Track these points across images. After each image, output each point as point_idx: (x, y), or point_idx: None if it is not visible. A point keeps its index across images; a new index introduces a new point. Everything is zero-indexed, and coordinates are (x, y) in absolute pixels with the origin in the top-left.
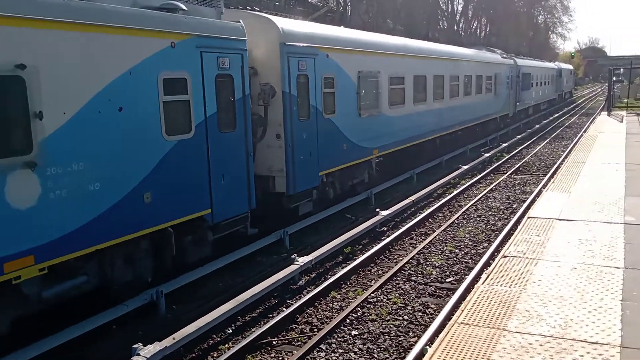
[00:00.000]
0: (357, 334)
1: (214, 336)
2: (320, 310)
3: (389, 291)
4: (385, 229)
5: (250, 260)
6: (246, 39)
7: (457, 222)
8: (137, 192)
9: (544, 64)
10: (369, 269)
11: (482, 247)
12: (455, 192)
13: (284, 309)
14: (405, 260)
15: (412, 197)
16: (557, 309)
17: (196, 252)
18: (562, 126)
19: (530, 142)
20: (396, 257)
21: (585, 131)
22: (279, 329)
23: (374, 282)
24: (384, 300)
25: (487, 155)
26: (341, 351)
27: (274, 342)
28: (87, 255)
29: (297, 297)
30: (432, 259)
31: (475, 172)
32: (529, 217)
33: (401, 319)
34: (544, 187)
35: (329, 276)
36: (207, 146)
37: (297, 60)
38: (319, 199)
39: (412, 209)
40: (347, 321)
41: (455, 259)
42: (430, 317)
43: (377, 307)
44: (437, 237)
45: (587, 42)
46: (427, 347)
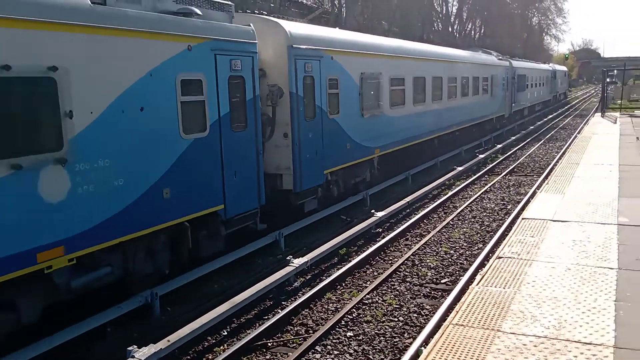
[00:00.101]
0: (352, 335)
1: (209, 338)
2: (315, 311)
3: (384, 292)
4: (380, 230)
5: (245, 261)
6: (256, 42)
7: (452, 223)
8: (157, 188)
9: (539, 66)
10: (364, 270)
11: (476, 248)
12: (450, 193)
13: (279, 311)
14: (400, 261)
15: (408, 199)
16: (551, 310)
17: (210, 246)
18: (556, 127)
19: (524, 143)
20: (391, 258)
21: (579, 132)
22: (274, 331)
23: (369, 283)
24: (379, 301)
25: (482, 156)
26: (336, 353)
27: (269, 344)
28: (112, 247)
29: (293, 299)
30: (427, 260)
31: (470, 173)
32: (523, 218)
33: (396, 320)
34: (538, 188)
35: (325, 277)
36: (221, 144)
37: (303, 62)
38: (323, 197)
39: (408, 210)
40: (343, 322)
41: (450, 260)
42: (425, 318)
43: (373, 309)
44: (432, 238)
45: (581, 43)
46: (422, 348)
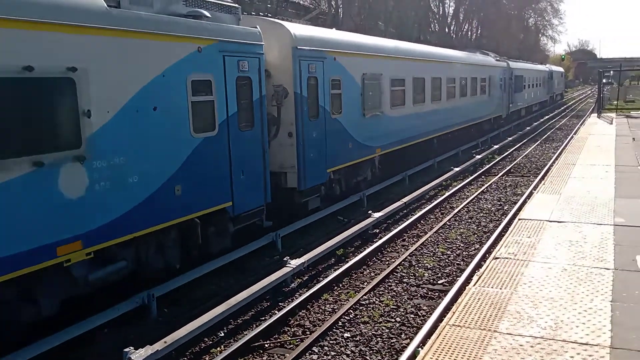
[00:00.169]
0: (349, 336)
1: (206, 339)
2: (312, 312)
3: (381, 293)
4: (377, 231)
5: (242, 263)
6: (263, 43)
7: (449, 223)
8: (169, 185)
9: (536, 67)
10: (361, 271)
11: (473, 248)
12: (447, 194)
13: (276, 312)
14: (397, 262)
15: (405, 199)
16: (548, 310)
17: (219, 242)
18: (553, 128)
19: (521, 144)
20: (388, 259)
21: (575, 133)
22: (271, 332)
23: (366, 284)
24: (377, 302)
25: (478, 157)
26: (333, 354)
27: (266, 345)
28: (127, 242)
29: (290, 300)
30: (424, 261)
31: (467, 173)
32: (519, 219)
33: (393, 321)
34: (535, 188)
35: (322, 278)
36: (229, 143)
37: (307, 63)
38: (326, 195)
39: (405, 211)
40: (340, 323)
41: (447, 260)
42: (422, 319)
43: (370, 310)
44: (429, 239)
45: (577, 44)
46: (419, 349)
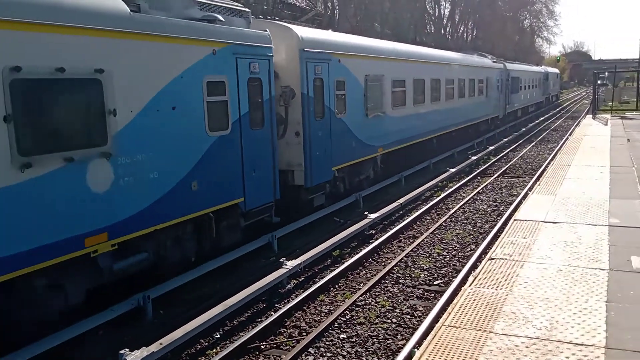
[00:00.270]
0: (345, 337)
1: (202, 341)
2: (308, 314)
3: (377, 294)
4: (373, 232)
5: (238, 264)
6: (272, 46)
7: (444, 224)
8: (186, 181)
9: (532, 68)
10: (357, 272)
11: (469, 249)
12: (443, 195)
13: (272, 313)
14: (393, 263)
15: (401, 200)
16: (543, 311)
17: (231, 236)
18: (548, 129)
19: (516, 145)
20: (384, 260)
21: (570, 134)
22: (268, 333)
23: (362, 285)
24: (373, 303)
25: (474, 158)
26: (330, 355)
27: (262, 347)
28: (148, 234)
29: (286, 301)
30: (420, 262)
31: (462, 174)
32: (515, 220)
33: (389, 321)
34: (530, 189)
35: (318, 280)
36: (241, 141)
37: (313, 65)
38: (331, 193)
39: (401, 212)
40: (336, 325)
41: (442, 261)
42: (418, 319)
43: (366, 310)
44: (425, 239)
45: (573, 46)
46: (415, 349)
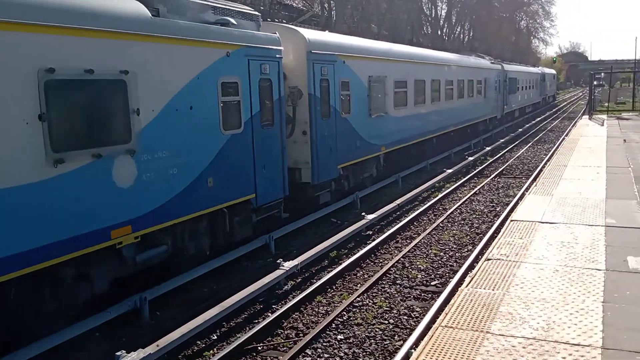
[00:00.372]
0: (342, 338)
1: (199, 342)
2: (306, 315)
3: (374, 295)
4: (370, 232)
5: (235, 265)
6: (282, 48)
7: (441, 225)
8: (203, 177)
9: (529, 69)
10: (354, 273)
11: (466, 250)
12: (440, 196)
13: (270, 314)
14: (390, 263)
15: (398, 201)
16: (540, 311)
17: (243, 231)
18: (545, 130)
19: (513, 145)
20: (382, 260)
21: (567, 135)
22: (265, 335)
23: (359, 286)
24: (370, 304)
25: (471, 158)
26: (327, 356)
27: (259, 348)
28: (167, 228)
29: (283, 302)
30: (417, 263)
31: (459, 175)
32: (512, 220)
33: (387, 322)
34: (527, 190)
35: (315, 280)
36: (253, 140)
37: (320, 66)
38: (336, 190)
39: (398, 213)
40: (333, 325)
41: (440, 262)
42: (415, 320)
43: (363, 311)
44: (422, 240)
45: (569, 46)
46: (413, 350)
